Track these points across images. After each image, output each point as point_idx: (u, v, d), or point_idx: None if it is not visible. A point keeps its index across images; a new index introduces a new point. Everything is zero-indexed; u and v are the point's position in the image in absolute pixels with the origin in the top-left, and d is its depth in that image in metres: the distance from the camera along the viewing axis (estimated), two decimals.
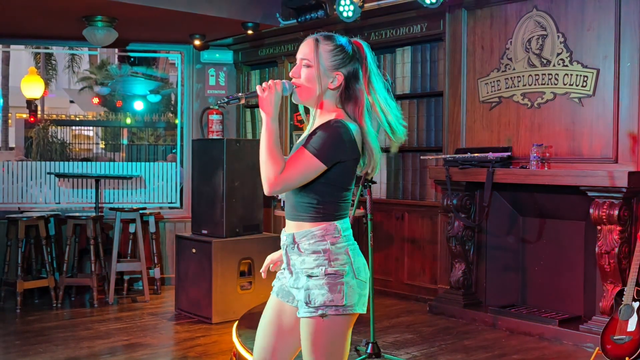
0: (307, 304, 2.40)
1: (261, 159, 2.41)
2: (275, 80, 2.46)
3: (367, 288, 2.49)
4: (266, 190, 2.41)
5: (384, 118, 2.49)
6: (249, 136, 8.00)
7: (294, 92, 2.50)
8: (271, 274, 2.75)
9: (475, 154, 5.29)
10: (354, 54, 2.50)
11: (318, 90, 2.48)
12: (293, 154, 2.43)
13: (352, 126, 2.42)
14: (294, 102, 2.55)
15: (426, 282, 6.09)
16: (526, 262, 5.46)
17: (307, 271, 2.42)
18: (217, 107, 2.71)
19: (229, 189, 6.03)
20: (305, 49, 2.50)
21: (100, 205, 7.27)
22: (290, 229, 2.51)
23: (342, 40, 2.52)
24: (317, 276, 2.39)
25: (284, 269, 2.58)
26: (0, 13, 6.53)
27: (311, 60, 2.47)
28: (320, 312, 2.38)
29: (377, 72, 2.54)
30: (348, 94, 2.48)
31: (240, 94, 2.51)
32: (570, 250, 5.17)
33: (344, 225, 2.47)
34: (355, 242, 2.50)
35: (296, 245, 2.46)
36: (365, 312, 2.50)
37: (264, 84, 2.44)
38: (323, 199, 2.45)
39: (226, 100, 2.52)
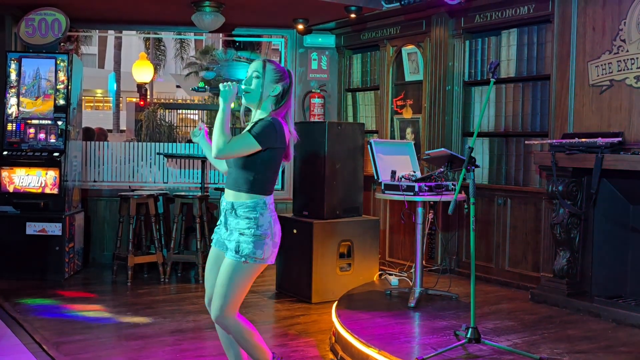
0: (236, 252, 3.34)
1: (215, 131, 3.26)
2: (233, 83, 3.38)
3: (278, 246, 3.46)
4: (214, 154, 3.28)
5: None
6: (350, 119, 8.04)
7: (244, 95, 3.43)
8: None
9: (584, 139, 5.11)
10: (287, 74, 3.48)
11: (262, 95, 3.42)
12: (239, 135, 3.32)
13: (282, 124, 3.35)
14: (243, 103, 3.50)
15: (528, 270, 5.97)
16: (636, 252, 5.25)
17: (240, 230, 3.36)
18: (198, 90, 3.38)
19: (330, 171, 6.09)
20: (256, 65, 3.46)
21: (205, 185, 7.51)
22: (230, 197, 3.43)
23: (281, 65, 3.52)
24: (247, 235, 3.33)
25: (219, 225, 3.52)
26: (115, 0, 6.84)
27: (260, 74, 3.42)
28: (243, 259, 3.32)
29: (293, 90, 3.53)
30: (280, 101, 3.44)
31: (207, 87, 3.49)
32: None
33: (270, 200, 3.42)
34: (275, 212, 3.45)
35: (234, 211, 3.39)
36: (273, 263, 3.53)
37: (225, 84, 3.33)
38: (257, 175, 3.35)
39: (196, 88, 3.59)
